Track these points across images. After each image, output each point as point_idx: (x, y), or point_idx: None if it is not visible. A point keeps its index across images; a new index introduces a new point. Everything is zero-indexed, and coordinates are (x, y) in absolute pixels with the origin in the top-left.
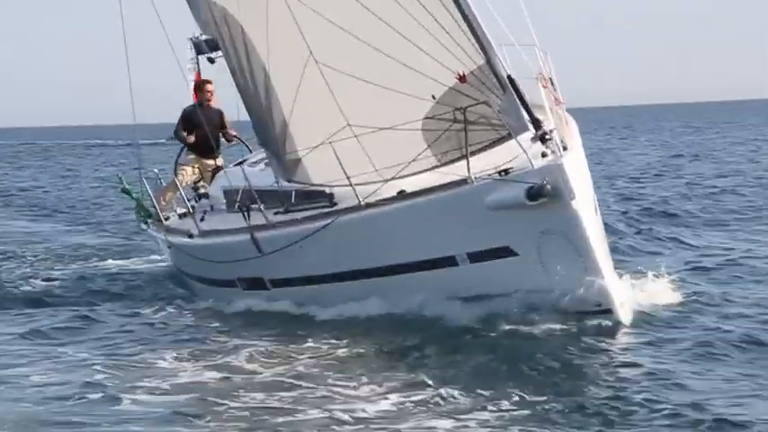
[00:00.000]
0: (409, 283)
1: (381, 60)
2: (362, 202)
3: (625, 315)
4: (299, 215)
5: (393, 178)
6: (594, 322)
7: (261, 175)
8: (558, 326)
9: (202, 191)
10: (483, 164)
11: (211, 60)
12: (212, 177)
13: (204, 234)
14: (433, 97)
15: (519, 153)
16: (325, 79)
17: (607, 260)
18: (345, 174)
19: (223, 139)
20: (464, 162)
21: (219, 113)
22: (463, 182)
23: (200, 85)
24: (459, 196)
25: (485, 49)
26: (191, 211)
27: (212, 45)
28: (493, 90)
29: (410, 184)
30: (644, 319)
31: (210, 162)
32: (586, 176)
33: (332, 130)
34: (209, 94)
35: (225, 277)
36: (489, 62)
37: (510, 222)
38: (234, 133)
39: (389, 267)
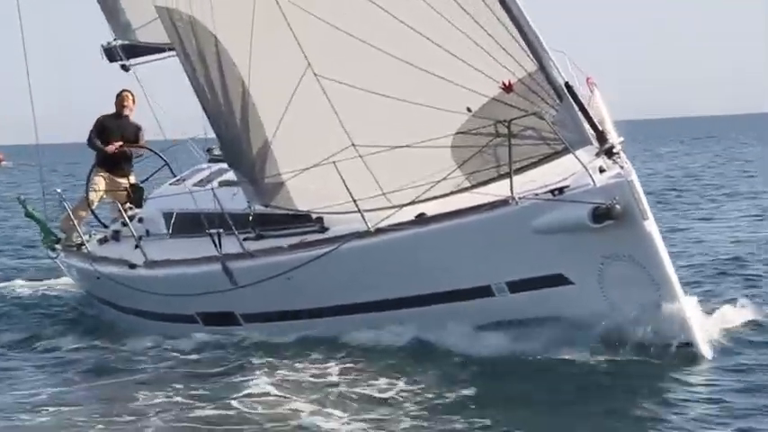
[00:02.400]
0: (428, 316)
1: (401, 70)
2: (372, 228)
3: (706, 348)
4: (283, 243)
5: (414, 202)
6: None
7: (228, 198)
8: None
9: (130, 213)
10: (523, 183)
11: (125, 68)
12: (128, 197)
13: (153, 264)
14: (469, 110)
15: (571, 170)
16: (326, 95)
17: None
18: (351, 196)
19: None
20: (499, 183)
21: (137, 128)
22: (503, 203)
23: (118, 95)
24: (499, 219)
25: (537, 53)
26: (109, 236)
27: (129, 51)
28: (546, 100)
29: (429, 209)
30: (722, 349)
31: (122, 180)
32: None
33: (331, 151)
34: (127, 105)
35: (180, 312)
36: (543, 68)
37: (563, 247)
38: (143, 150)
39: (402, 299)
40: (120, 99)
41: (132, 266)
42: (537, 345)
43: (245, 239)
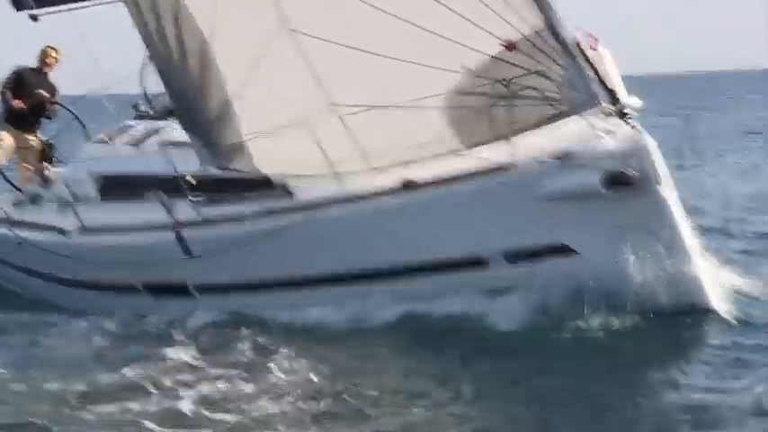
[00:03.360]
0: (417, 287)
1: (389, 24)
2: (354, 195)
3: (727, 313)
4: (240, 209)
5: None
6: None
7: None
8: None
9: (47, 173)
10: (522, 147)
11: (34, 18)
12: (42, 155)
13: (91, 230)
14: (465, 68)
15: (578, 133)
16: (302, 51)
17: (698, 253)
18: (327, 158)
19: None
20: (493, 147)
21: (53, 88)
22: (502, 168)
23: (43, 50)
24: (497, 185)
25: (544, 8)
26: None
27: None
28: (553, 58)
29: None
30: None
31: (31, 138)
32: None
33: (305, 111)
34: (50, 63)
35: (121, 283)
36: (550, 24)
37: (567, 215)
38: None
39: (382, 270)
40: (42, 54)
41: (61, 231)
42: (537, 316)
43: (202, 204)
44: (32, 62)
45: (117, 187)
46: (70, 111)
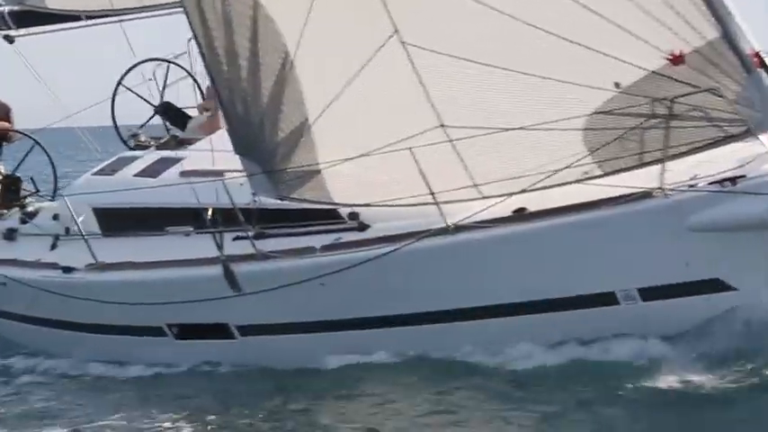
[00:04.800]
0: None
1: (526, 36)
2: (450, 225)
3: None
4: (306, 242)
5: (526, 190)
6: None
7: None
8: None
9: (30, 209)
10: (675, 172)
11: (10, 39)
12: (6, 190)
13: (106, 267)
14: (617, 85)
15: (740, 156)
16: (413, 66)
17: None
18: (428, 185)
19: None
20: (637, 172)
21: (6, 109)
22: (647, 195)
23: None
24: (642, 213)
25: (720, 17)
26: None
27: (17, 18)
28: (729, 73)
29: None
30: None
31: None
32: None
33: (405, 133)
34: None
35: (141, 324)
36: (727, 35)
37: (725, 247)
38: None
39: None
40: None
41: (68, 270)
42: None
43: (235, 239)
44: None
45: (129, 220)
46: (33, 138)
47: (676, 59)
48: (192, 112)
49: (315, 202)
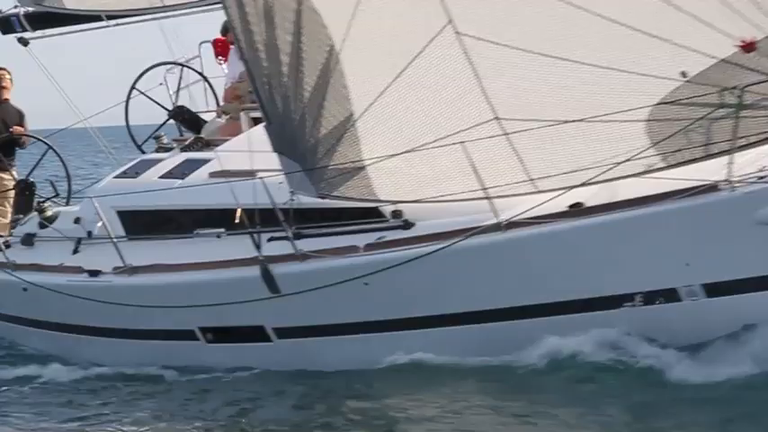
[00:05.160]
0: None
1: (585, 24)
2: (503, 221)
3: None
4: (348, 241)
5: (585, 184)
6: None
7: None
8: None
9: (49, 213)
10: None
11: (24, 42)
12: (21, 196)
13: (136, 270)
14: (684, 75)
15: None
16: (468, 58)
17: None
18: (480, 180)
19: None
20: (701, 164)
21: (20, 115)
22: (713, 188)
23: None
24: (707, 207)
25: None
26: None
27: (33, 20)
28: None
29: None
30: None
31: (5, 176)
32: None
33: (456, 127)
34: (6, 87)
35: (172, 328)
36: None
37: None
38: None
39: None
40: None
41: (94, 273)
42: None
43: (270, 240)
44: None
45: (155, 223)
46: (45, 142)
47: (747, 46)
48: (206, 116)
49: (359, 200)
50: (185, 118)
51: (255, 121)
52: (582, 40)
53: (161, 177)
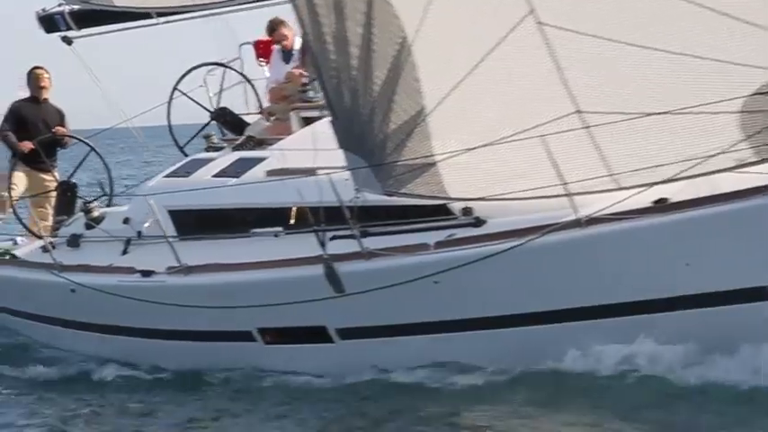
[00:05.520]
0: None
1: (677, 11)
2: (583, 217)
3: None
4: (416, 239)
5: (672, 179)
6: None
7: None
8: None
9: (96, 214)
10: None
11: (68, 41)
12: (63, 197)
13: (192, 270)
14: None
15: None
16: (549, 48)
17: None
18: (560, 175)
19: None
20: None
21: (60, 115)
22: None
23: (30, 74)
24: None
25: None
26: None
27: (79, 18)
28: None
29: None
30: None
31: (47, 177)
32: None
33: (533, 121)
34: (45, 86)
35: (231, 329)
36: None
37: None
38: (68, 138)
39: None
40: (35, 79)
41: (147, 273)
42: None
43: (332, 239)
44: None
45: (209, 223)
46: (87, 143)
47: None
48: (247, 118)
49: (428, 197)
50: (227, 120)
51: (306, 121)
52: (670, 29)
53: (215, 176)
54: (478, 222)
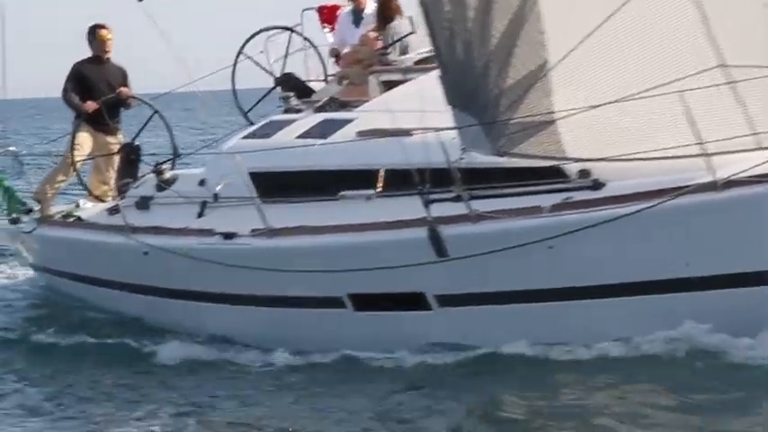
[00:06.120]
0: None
1: None
2: (719, 179)
3: None
4: (527, 202)
5: None
6: None
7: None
8: None
9: (167, 176)
10: None
11: None
12: (126, 160)
13: (279, 232)
14: None
15: None
16: None
17: None
18: (697, 134)
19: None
20: None
21: (123, 74)
22: None
23: (93, 32)
24: None
25: None
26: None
27: None
28: None
29: None
30: None
31: (111, 140)
32: None
33: (672, 75)
34: (107, 45)
35: (319, 295)
36: None
37: None
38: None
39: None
40: (99, 38)
41: (229, 236)
42: None
43: (432, 201)
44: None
45: (294, 185)
46: (152, 106)
47: None
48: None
49: (543, 158)
50: (292, 86)
51: (387, 85)
52: None
53: (299, 137)
54: (597, 185)
